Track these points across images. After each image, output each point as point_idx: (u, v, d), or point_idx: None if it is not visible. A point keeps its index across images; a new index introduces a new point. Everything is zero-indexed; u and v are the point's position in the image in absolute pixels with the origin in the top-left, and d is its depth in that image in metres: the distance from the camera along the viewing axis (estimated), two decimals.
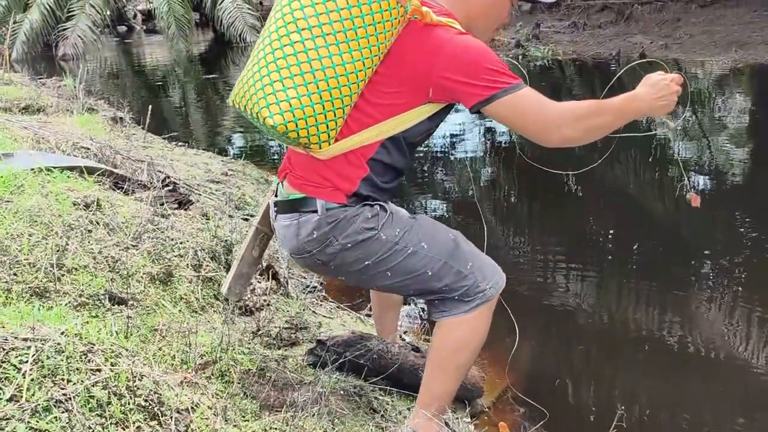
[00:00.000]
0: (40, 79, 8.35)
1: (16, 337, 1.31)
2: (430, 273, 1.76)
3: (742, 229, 4.03)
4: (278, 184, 1.87)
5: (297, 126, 1.58)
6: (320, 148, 1.65)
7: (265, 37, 1.63)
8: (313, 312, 2.79)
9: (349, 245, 1.73)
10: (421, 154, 5.82)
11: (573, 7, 13.29)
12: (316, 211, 1.71)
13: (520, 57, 10.62)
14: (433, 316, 1.86)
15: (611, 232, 4.12)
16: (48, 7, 12.16)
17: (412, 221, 1.81)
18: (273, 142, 6.56)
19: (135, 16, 18.10)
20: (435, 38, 1.63)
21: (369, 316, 2.83)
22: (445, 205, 4.69)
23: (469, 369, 1.95)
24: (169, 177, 3.81)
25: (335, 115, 1.61)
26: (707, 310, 3.02)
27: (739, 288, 3.21)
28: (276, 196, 1.86)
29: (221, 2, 12.30)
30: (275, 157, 5.83)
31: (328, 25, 1.56)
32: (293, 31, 1.57)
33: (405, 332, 2.77)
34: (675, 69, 8.98)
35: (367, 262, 1.75)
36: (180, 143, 5.93)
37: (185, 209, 3.35)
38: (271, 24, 1.63)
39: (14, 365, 1.25)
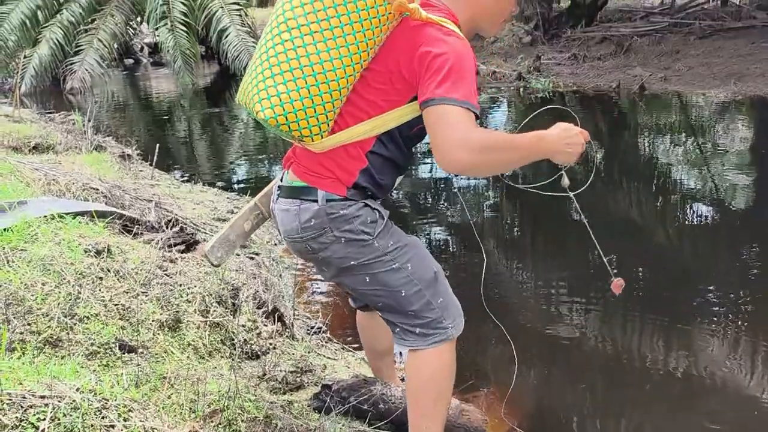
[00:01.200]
0: (48, 113, 8.51)
1: (33, 395, 1.37)
2: (403, 293, 1.85)
3: (746, 258, 4.10)
4: (283, 171, 1.94)
5: (287, 119, 1.66)
6: (313, 141, 1.73)
7: (263, 39, 1.73)
8: (318, 354, 2.84)
9: (342, 240, 1.80)
10: (422, 180, 5.91)
11: (573, 39, 13.47)
12: (316, 201, 1.79)
13: (522, 89, 10.75)
14: (395, 342, 1.96)
15: (614, 261, 4.17)
16: (57, 42, 12.35)
17: (407, 240, 1.90)
18: (274, 175, 6.64)
19: (142, 49, 18.36)
20: (422, 36, 1.69)
21: None
22: (443, 232, 4.75)
23: (448, 405, 2.00)
24: (176, 217, 3.89)
25: (325, 109, 1.69)
26: (712, 343, 3.06)
27: (743, 320, 3.26)
28: (281, 181, 1.93)
29: (226, 36, 12.45)
30: None
31: (315, 23, 1.63)
32: (284, 30, 1.65)
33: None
34: (676, 102, 9.11)
35: (352, 262, 1.83)
36: (186, 178, 6.03)
37: (192, 250, 3.43)
38: (267, 27, 1.72)
39: (32, 423, 1.30)
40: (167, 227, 3.52)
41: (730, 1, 7.97)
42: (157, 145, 5.23)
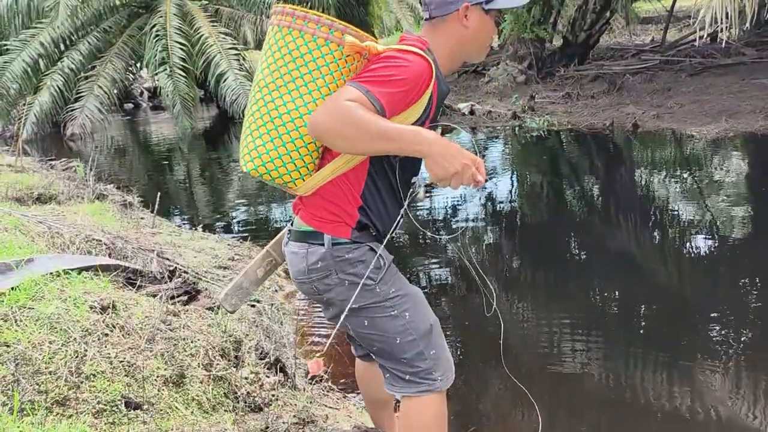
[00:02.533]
0: (50, 160, 8.61)
1: None
2: (398, 341, 1.92)
3: (744, 292, 4.17)
4: (293, 216, 2.03)
5: (267, 168, 1.81)
6: (296, 185, 1.85)
7: (249, 102, 1.87)
8: (320, 404, 2.87)
9: (346, 282, 1.89)
10: (424, 218, 5.97)
11: (566, 78, 13.68)
12: (323, 244, 1.88)
13: (517, 128, 10.89)
14: (385, 386, 2.03)
15: (617, 298, 4.22)
16: (57, 89, 12.54)
17: (408, 289, 1.97)
18: (274, 220, 6.73)
19: (142, 93, 18.61)
20: (375, 60, 1.77)
21: None
22: (446, 274, 4.80)
23: None
24: (178, 267, 3.94)
25: (300, 154, 1.81)
26: (718, 379, 3.10)
27: (745, 355, 3.31)
28: (291, 225, 2.02)
29: (224, 80, 12.63)
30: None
31: (279, 79, 1.78)
32: (257, 91, 1.82)
33: None
34: (670, 139, 9.24)
35: (353, 306, 1.89)
36: (187, 224, 6.09)
37: (195, 300, 3.47)
38: (252, 89, 1.88)
39: None
40: (170, 278, 3.57)
41: (719, 38, 8.13)
42: (158, 193, 5.31)
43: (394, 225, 1.96)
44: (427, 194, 1.69)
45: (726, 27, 7.29)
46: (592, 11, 14.02)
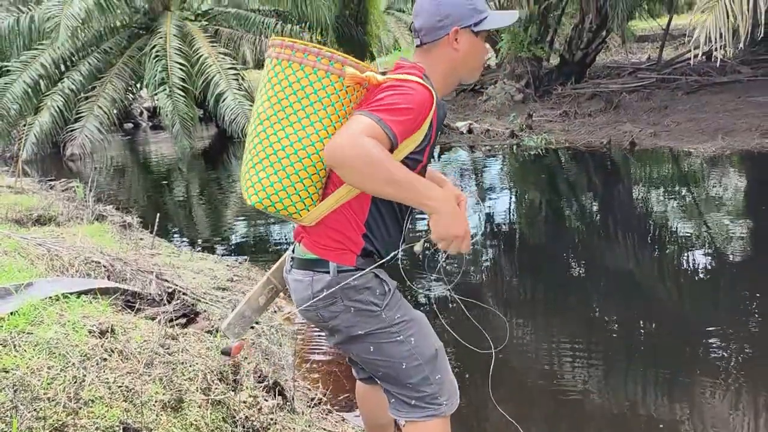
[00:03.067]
0: (49, 180, 8.64)
1: None
2: (404, 366, 1.93)
3: (744, 309, 4.19)
4: (295, 243, 2.03)
5: (271, 201, 1.81)
6: (301, 216, 1.86)
7: (248, 133, 1.88)
8: (319, 427, 2.86)
9: (352, 309, 1.90)
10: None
11: (563, 96, 13.76)
12: (328, 272, 1.88)
13: (515, 146, 10.94)
14: (390, 411, 2.04)
15: (615, 318, 4.23)
16: (57, 110, 12.61)
17: (413, 314, 1.98)
18: (273, 240, 6.75)
19: (141, 113, 18.70)
20: (378, 91, 1.80)
21: None
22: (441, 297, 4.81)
23: None
24: (176, 289, 3.94)
25: (304, 185, 1.81)
26: (718, 399, 3.10)
27: (744, 373, 3.32)
28: (293, 252, 2.02)
29: (224, 99, 12.71)
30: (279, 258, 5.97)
31: (281, 111, 1.78)
32: (258, 124, 1.82)
33: None
34: (667, 157, 9.28)
35: (359, 331, 1.91)
36: (186, 244, 6.11)
37: (194, 322, 3.48)
38: (250, 121, 1.89)
39: None
40: (168, 300, 3.58)
41: (714, 57, 8.21)
42: (158, 214, 5.33)
43: (397, 252, 1.96)
44: (426, 249, 1.72)
45: (721, 46, 7.35)
46: (589, 30, 14.14)
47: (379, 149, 1.66)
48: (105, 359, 2.38)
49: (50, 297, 2.71)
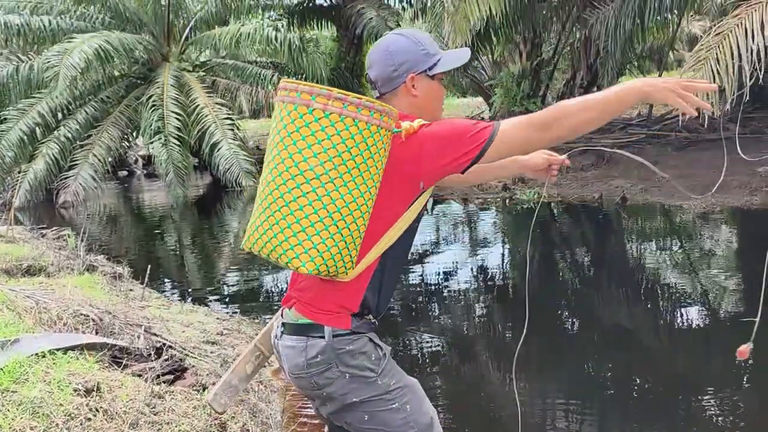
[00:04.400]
0: (41, 229, 8.62)
1: None
2: None
3: (736, 362, 4.17)
4: (283, 308, 1.96)
5: (327, 266, 1.70)
6: (347, 274, 1.78)
7: (270, 184, 1.73)
8: None
9: (347, 375, 1.83)
10: (414, 291, 5.97)
11: (555, 150, 13.88)
12: (323, 337, 1.82)
13: (508, 200, 11.01)
14: None
15: (608, 374, 4.20)
16: (53, 157, 12.67)
17: (408, 381, 1.93)
18: (264, 292, 6.72)
19: (136, 161, 18.80)
20: (414, 141, 1.79)
21: None
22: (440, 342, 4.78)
23: None
24: (164, 343, 3.90)
25: (355, 244, 1.75)
26: None
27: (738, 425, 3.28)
28: (283, 317, 1.95)
29: (218, 149, 12.80)
30: (269, 312, 5.93)
31: (333, 169, 1.67)
32: (303, 182, 1.67)
33: None
34: (658, 213, 9.36)
35: (354, 399, 1.85)
36: (176, 296, 6.07)
37: (181, 378, 3.43)
38: (270, 170, 1.73)
39: None
40: (156, 355, 3.54)
41: (701, 115, 8.39)
42: (149, 265, 5.31)
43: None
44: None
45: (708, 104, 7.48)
46: (580, 86, 14.39)
47: (550, 113, 1.77)
48: (89, 419, 2.35)
49: (36, 354, 2.68)
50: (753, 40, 6.95)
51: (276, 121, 1.76)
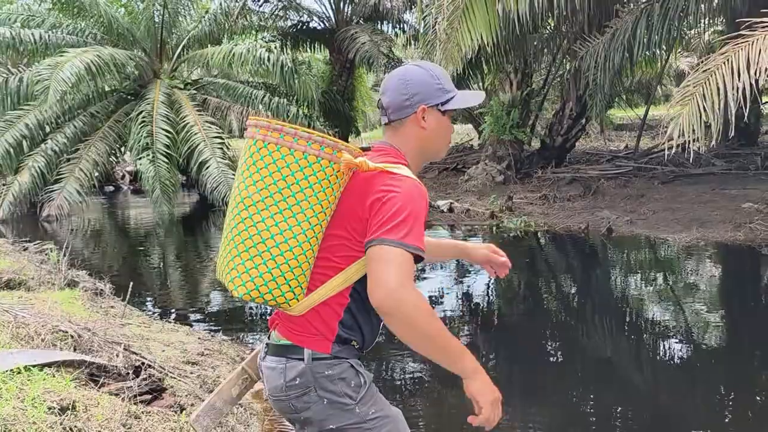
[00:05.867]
0: (23, 241, 8.52)
1: None
2: None
3: (720, 397, 4.18)
4: (270, 332, 1.96)
5: (260, 293, 1.73)
6: (290, 306, 1.78)
7: (228, 215, 1.80)
8: None
9: (325, 401, 1.81)
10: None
11: (543, 179, 14.00)
12: (302, 359, 1.80)
13: (495, 227, 11.03)
14: None
15: (591, 405, 4.18)
16: (38, 170, 12.56)
17: (388, 410, 1.90)
18: (247, 314, 6.66)
19: (123, 176, 18.69)
20: (372, 185, 1.77)
21: None
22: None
23: None
24: (143, 362, 3.84)
25: (294, 275, 1.74)
26: None
27: None
28: (269, 338, 1.94)
29: (207, 167, 12.75)
30: (252, 335, 5.86)
31: (269, 197, 1.71)
32: (243, 209, 1.74)
33: None
34: (643, 245, 9.40)
35: (331, 425, 1.82)
36: (158, 313, 5.99)
37: (159, 398, 3.37)
38: (231, 202, 1.81)
39: None
40: (135, 374, 3.48)
41: (687, 150, 8.45)
42: (131, 282, 5.25)
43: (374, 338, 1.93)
44: None
45: (694, 140, 7.57)
46: (569, 117, 14.51)
47: (434, 315, 1.72)
48: None
49: (11, 369, 2.62)
50: (739, 78, 7.05)
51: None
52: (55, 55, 12.74)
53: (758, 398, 4.35)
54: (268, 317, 2.00)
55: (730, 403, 4.29)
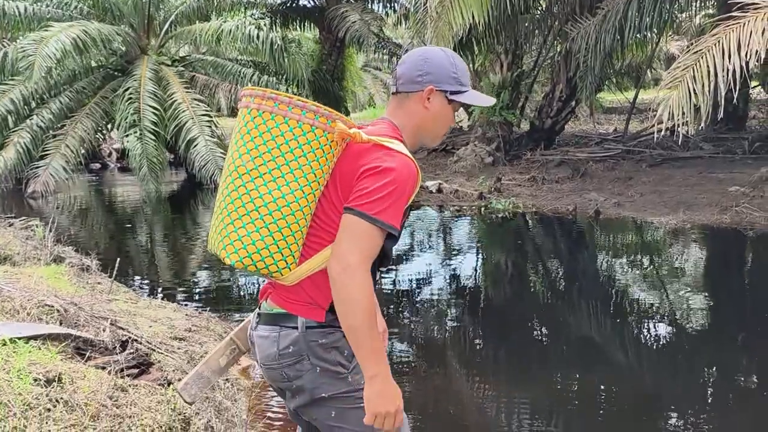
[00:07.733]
0: (8, 218, 8.44)
1: None
2: None
3: (704, 380, 4.23)
4: (261, 301, 1.95)
5: (253, 260, 1.73)
6: (282, 275, 1.78)
7: (221, 185, 1.80)
8: None
9: (317, 369, 1.82)
10: (387, 298, 5.95)
11: (532, 161, 14.01)
12: (296, 327, 1.81)
13: (483, 208, 11.05)
14: None
15: (576, 385, 4.21)
16: (24, 146, 12.41)
17: None
18: (235, 290, 6.65)
19: (110, 154, 18.52)
20: (364, 158, 1.78)
21: None
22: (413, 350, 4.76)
23: None
24: (130, 337, 3.83)
25: (287, 243, 1.74)
26: None
27: None
28: (260, 308, 1.94)
29: (195, 145, 12.63)
30: (240, 313, 5.86)
31: (263, 165, 1.72)
32: (236, 177, 1.74)
33: None
34: (630, 227, 9.45)
35: (323, 394, 1.83)
36: (145, 291, 5.97)
37: (146, 373, 3.37)
38: (224, 171, 1.81)
39: None
40: (122, 349, 3.47)
41: (676, 132, 8.47)
42: (117, 258, 5.22)
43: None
44: None
45: (683, 123, 7.59)
46: (559, 99, 14.49)
47: (371, 312, 1.71)
48: (49, 410, 2.29)
49: None
50: (729, 60, 7.06)
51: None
52: (40, 29, 12.54)
53: (740, 378, 4.41)
54: (256, 296, 1.99)
55: (713, 382, 4.35)
